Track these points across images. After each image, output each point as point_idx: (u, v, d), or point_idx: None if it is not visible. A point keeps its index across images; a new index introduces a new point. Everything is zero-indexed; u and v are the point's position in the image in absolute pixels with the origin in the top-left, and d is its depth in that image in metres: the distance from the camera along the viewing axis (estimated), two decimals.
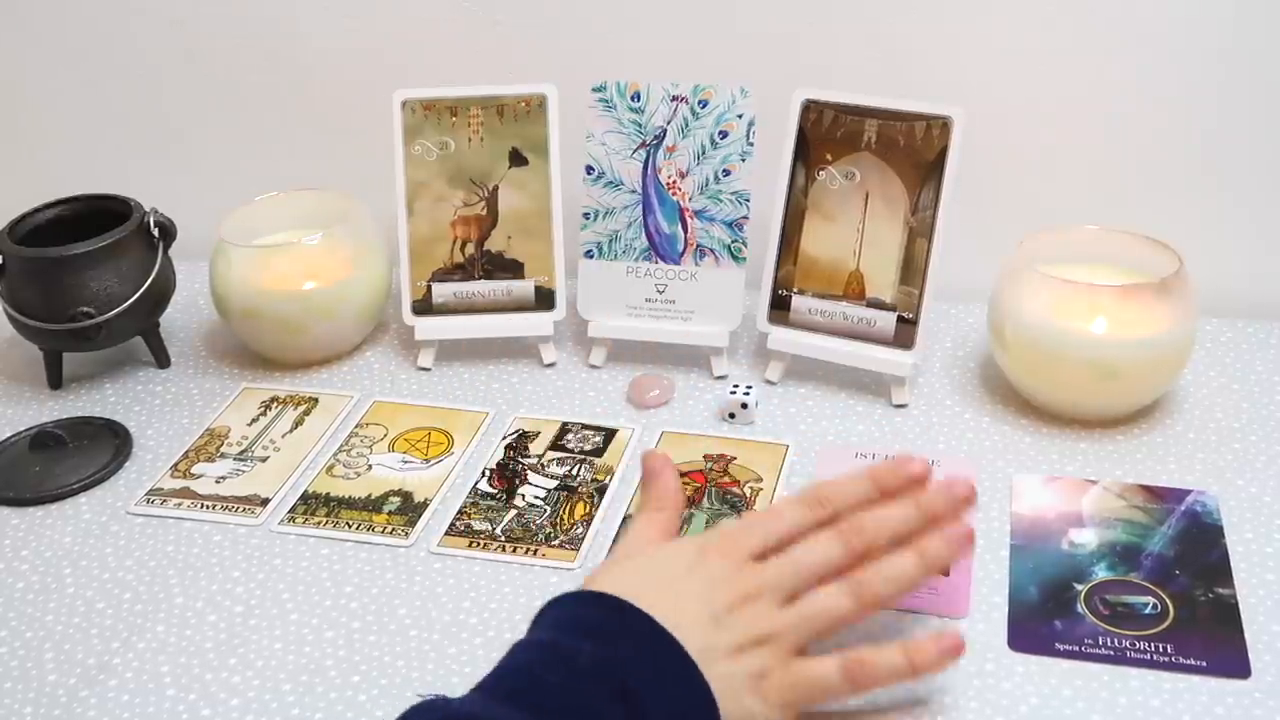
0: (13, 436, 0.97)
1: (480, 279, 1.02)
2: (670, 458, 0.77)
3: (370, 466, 0.92)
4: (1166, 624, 0.73)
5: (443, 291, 1.02)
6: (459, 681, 0.72)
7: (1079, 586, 0.76)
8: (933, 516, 0.69)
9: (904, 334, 0.93)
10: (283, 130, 1.18)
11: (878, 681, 0.66)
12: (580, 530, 0.83)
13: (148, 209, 1.03)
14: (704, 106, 0.97)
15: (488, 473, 0.90)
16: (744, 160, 0.97)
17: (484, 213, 1.02)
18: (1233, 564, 0.77)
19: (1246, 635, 0.72)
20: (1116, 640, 0.72)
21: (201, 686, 0.74)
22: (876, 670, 0.65)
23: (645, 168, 0.98)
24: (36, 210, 1.04)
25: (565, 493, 0.87)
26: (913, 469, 0.71)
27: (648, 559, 0.70)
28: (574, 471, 0.89)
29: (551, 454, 0.91)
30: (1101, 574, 0.77)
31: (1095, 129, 1.02)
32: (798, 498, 0.71)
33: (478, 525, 0.85)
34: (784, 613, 0.66)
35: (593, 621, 0.65)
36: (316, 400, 1.00)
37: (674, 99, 0.97)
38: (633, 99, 0.98)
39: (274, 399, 1.00)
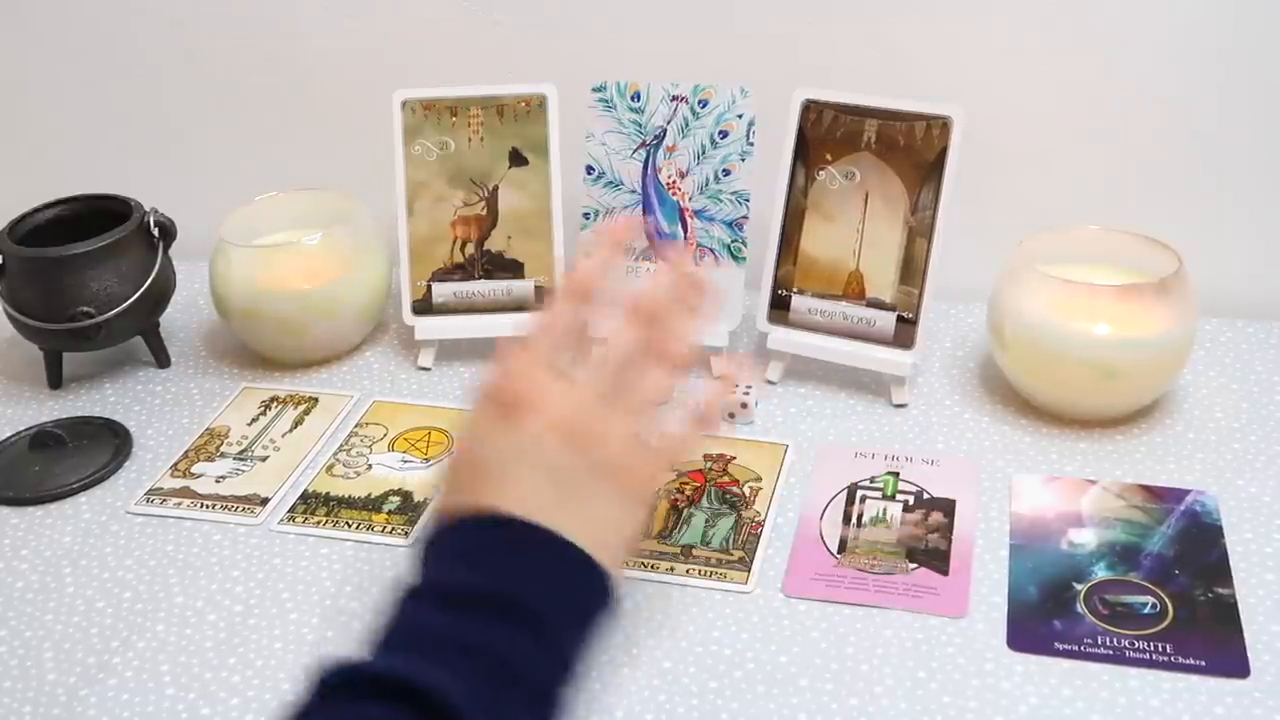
0: (13, 436, 0.97)
1: (480, 279, 1.02)
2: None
3: (370, 466, 0.92)
4: (1166, 624, 0.73)
5: (443, 291, 1.02)
6: None
7: (1078, 586, 0.76)
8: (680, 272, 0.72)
9: (904, 334, 0.93)
10: (283, 130, 1.18)
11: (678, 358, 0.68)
12: None
13: (148, 209, 1.03)
14: (704, 106, 0.97)
15: None
16: (744, 160, 0.97)
17: (484, 213, 1.02)
18: (1232, 564, 0.77)
19: (1246, 635, 0.72)
20: (1116, 640, 0.72)
21: (201, 686, 0.74)
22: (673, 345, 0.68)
23: (645, 168, 0.98)
24: (36, 210, 1.04)
25: None
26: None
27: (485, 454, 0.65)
28: None
29: None
30: (1101, 574, 0.77)
31: (1095, 129, 1.02)
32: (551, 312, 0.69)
33: None
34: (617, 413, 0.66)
35: (467, 548, 0.62)
36: (316, 400, 1.00)
37: (674, 99, 0.97)
38: (633, 99, 0.98)
39: (274, 399, 1.00)
